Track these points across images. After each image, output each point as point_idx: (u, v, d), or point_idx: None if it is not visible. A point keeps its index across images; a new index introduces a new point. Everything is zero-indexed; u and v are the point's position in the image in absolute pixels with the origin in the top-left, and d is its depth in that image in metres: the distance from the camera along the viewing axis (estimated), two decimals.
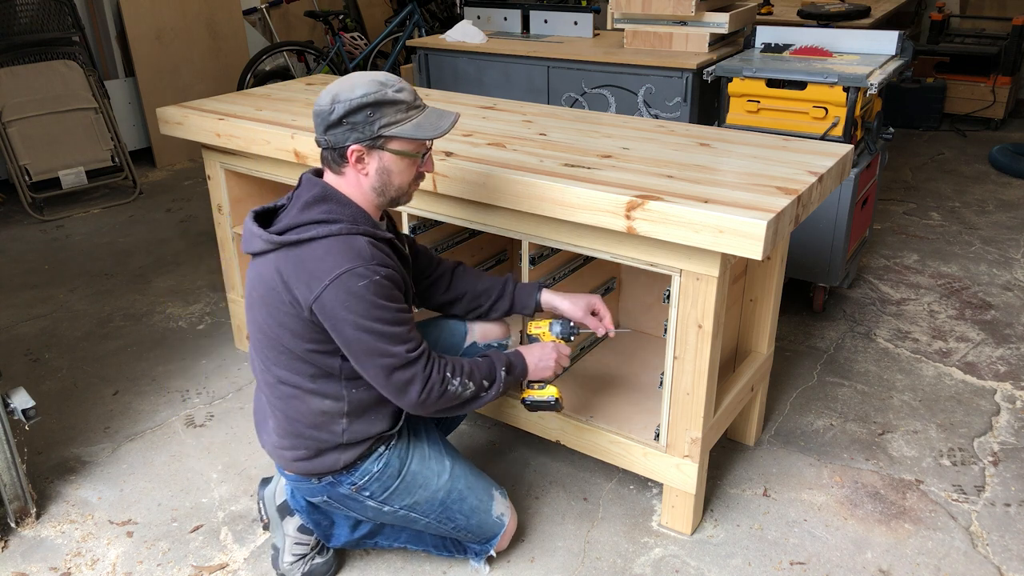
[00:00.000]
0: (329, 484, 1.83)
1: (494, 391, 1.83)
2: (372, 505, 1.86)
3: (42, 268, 3.83)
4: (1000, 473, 2.37)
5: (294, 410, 1.77)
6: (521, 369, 1.90)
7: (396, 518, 1.90)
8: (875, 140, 3.09)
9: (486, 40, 4.00)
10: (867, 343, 3.06)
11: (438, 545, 2.03)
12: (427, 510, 1.89)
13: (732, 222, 1.67)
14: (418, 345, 1.71)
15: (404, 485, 1.85)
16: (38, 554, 2.12)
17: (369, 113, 1.64)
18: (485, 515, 1.95)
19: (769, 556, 2.07)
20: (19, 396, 2.13)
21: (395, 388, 1.70)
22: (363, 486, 1.82)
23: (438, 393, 1.72)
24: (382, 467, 1.83)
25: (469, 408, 1.83)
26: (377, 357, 1.66)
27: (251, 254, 1.75)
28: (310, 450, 1.79)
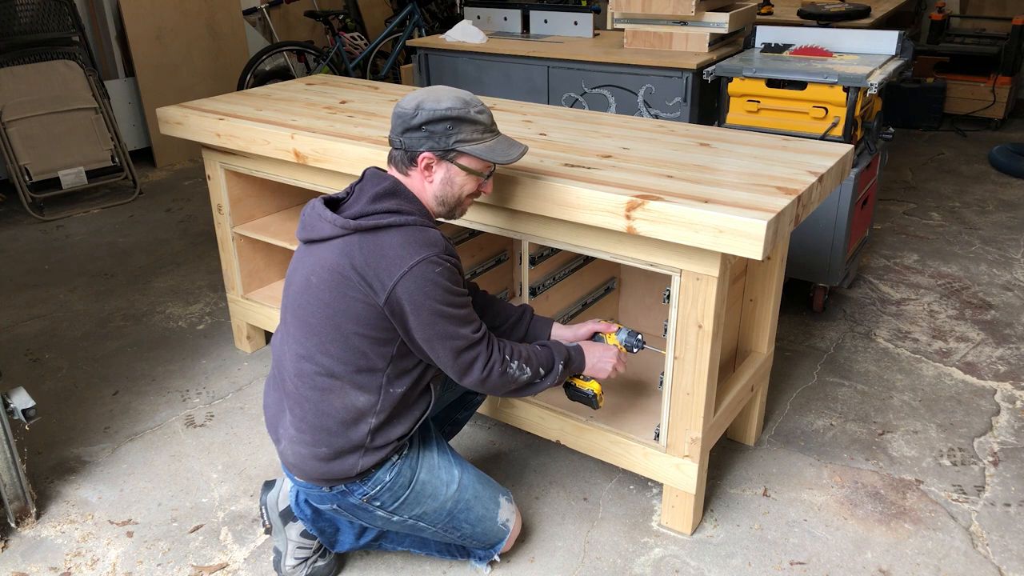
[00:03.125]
0: (341, 493, 1.82)
1: (550, 380, 1.89)
2: (381, 515, 1.86)
3: (42, 268, 3.83)
4: (1000, 473, 2.37)
5: (328, 404, 1.76)
6: (579, 364, 1.97)
7: (403, 527, 1.91)
8: (875, 140, 3.09)
9: (486, 40, 4.00)
10: (867, 343, 3.06)
11: (442, 550, 2.04)
12: (434, 520, 1.89)
13: (732, 222, 1.67)
14: (480, 326, 1.78)
15: (414, 496, 1.86)
16: (38, 554, 2.12)
17: (449, 126, 1.72)
18: (491, 523, 1.96)
19: (769, 556, 2.07)
20: (19, 396, 2.13)
21: (461, 367, 1.76)
22: (374, 496, 1.83)
23: (499, 372, 1.79)
24: (394, 477, 1.83)
25: (526, 393, 1.89)
26: (448, 340, 1.72)
27: (311, 240, 1.76)
28: (331, 448, 1.77)
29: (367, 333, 1.71)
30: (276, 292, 2.95)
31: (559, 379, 1.92)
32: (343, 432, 1.77)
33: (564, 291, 2.33)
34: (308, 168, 2.47)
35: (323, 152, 2.30)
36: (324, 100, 2.75)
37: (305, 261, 1.76)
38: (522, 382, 1.84)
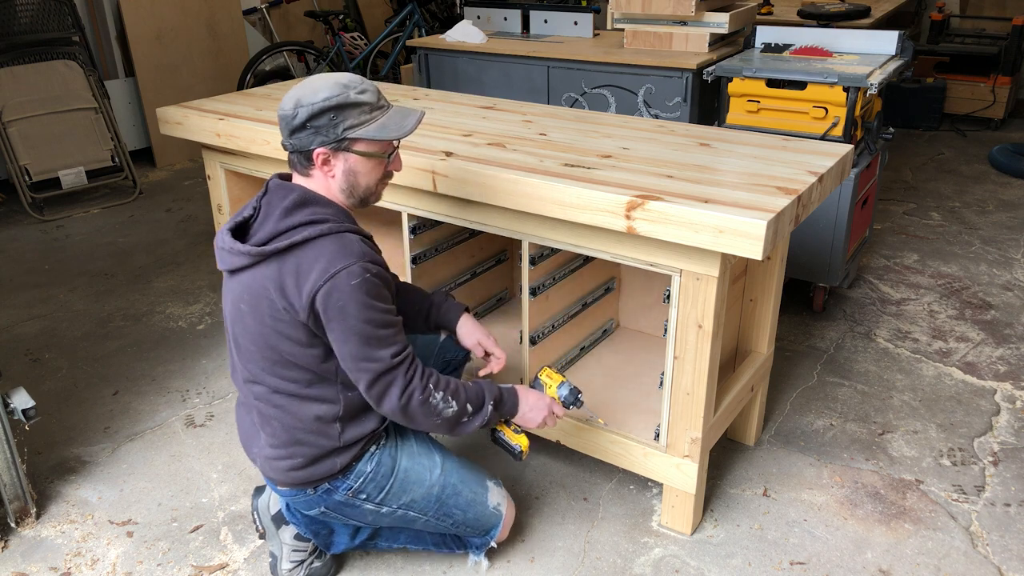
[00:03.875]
0: (325, 492, 1.82)
1: (479, 420, 1.79)
2: (370, 508, 1.85)
3: (42, 268, 3.83)
4: (1000, 473, 2.37)
5: (290, 417, 1.75)
6: (511, 408, 1.88)
7: (394, 519, 1.89)
8: (875, 140, 3.09)
9: (486, 40, 4.00)
10: (867, 343, 3.06)
11: (438, 543, 2.03)
12: (424, 507, 1.88)
13: (732, 222, 1.67)
14: (403, 349, 1.70)
15: (398, 483, 1.84)
16: (38, 554, 2.12)
17: (332, 116, 1.64)
18: (482, 507, 1.94)
19: (769, 556, 2.07)
20: (19, 396, 2.13)
21: (376, 394, 1.69)
22: (359, 489, 1.82)
23: (419, 401, 1.70)
24: (375, 467, 1.82)
25: (454, 431, 1.78)
26: (362, 361, 1.66)
27: (231, 271, 1.71)
28: (306, 458, 1.77)
29: (306, 350, 1.69)
30: None
31: (488, 420, 1.81)
32: (314, 440, 1.76)
33: (564, 291, 2.33)
34: None
35: None
36: None
37: (232, 288, 1.73)
38: (447, 416, 1.74)
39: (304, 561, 1.99)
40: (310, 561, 2.00)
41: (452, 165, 2.04)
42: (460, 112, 2.56)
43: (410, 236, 2.34)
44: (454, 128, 2.37)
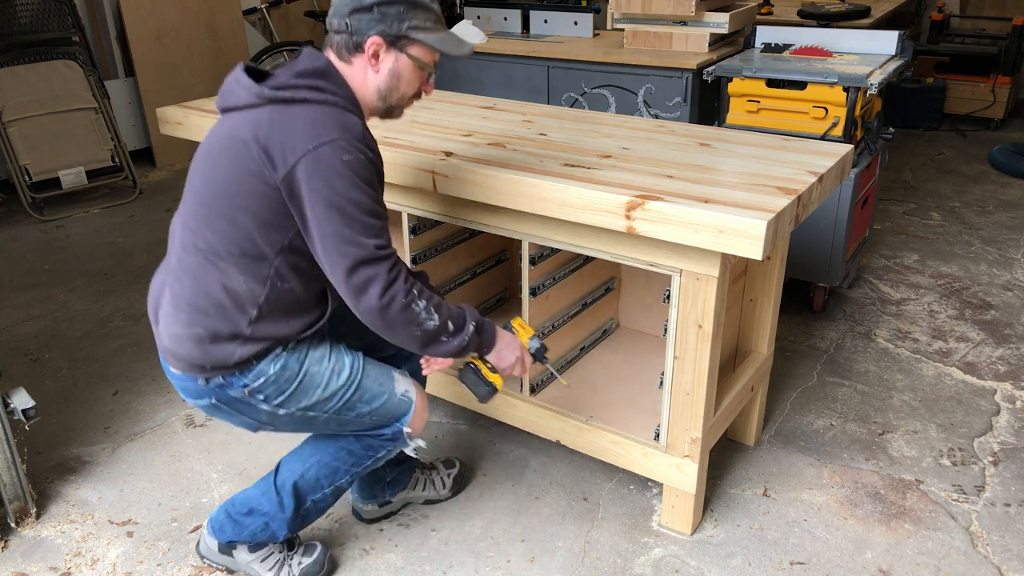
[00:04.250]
0: (219, 387, 1.66)
1: (458, 341, 1.68)
2: (265, 408, 1.70)
3: (42, 268, 3.83)
4: (1000, 473, 2.37)
5: (207, 282, 1.60)
6: (489, 339, 1.77)
7: (291, 420, 1.74)
8: (875, 140, 3.09)
9: (486, 40, 4.00)
10: (867, 343, 3.06)
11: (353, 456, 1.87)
12: (325, 407, 1.74)
13: (732, 222, 1.67)
14: (389, 246, 1.57)
15: (301, 388, 1.70)
16: (38, 554, 2.12)
17: (403, 10, 1.58)
18: (389, 397, 1.80)
19: (769, 556, 2.07)
20: (19, 396, 2.13)
21: (356, 284, 1.55)
22: (257, 389, 1.66)
23: (400, 306, 1.57)
24: (279, 370, 1.67)
25: (431, 348, 1.66)
26: (343, 243, 1.52)
27: (226, 109, 1.61)
28: (207, 330, 1.61)
29: (258, 214, 1.56)
30: None
31: (468, 345, 1.70)
32: (220, 315, 1.61)
33: (564, 291, 2.33)
34: None
35: None
36: None
37: (215, 131, 1.62)
38: (427, 329, 1.61)
39: (280, 561, 1.95)
40: (288, 558, 1.95)
41: (452, 165, 2.04)
42: (460, 112, 2.56)
43: (410, 236, 2.34)
44: (454, 128, 2.37)
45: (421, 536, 2.15)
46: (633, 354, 2.52)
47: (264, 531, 1.91)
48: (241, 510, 1.92)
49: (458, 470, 2.30)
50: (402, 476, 2.18)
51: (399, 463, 2.14)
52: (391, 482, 2.16)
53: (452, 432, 2.56)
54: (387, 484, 2.16)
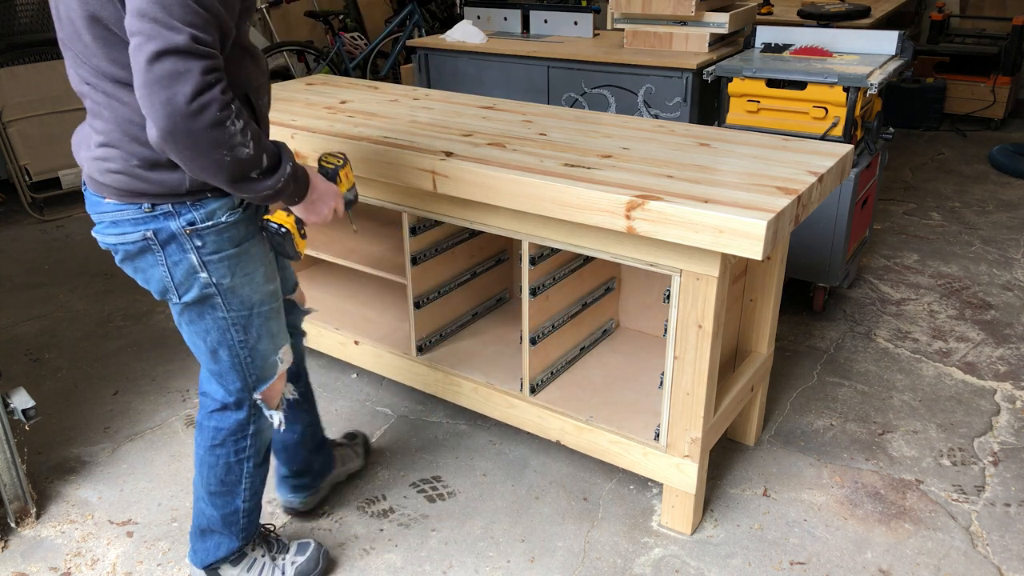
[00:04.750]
0: (165, 215, 1.54)
1: (272, 181, 1.49)
2: (192, 260, 1.59)
3: (42, 268, 3.83)
4: (1000, 473, 2.37)
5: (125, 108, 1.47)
6: (303, 185, 1.60)
7: (198, 299, 1.64)
8: (875, 140, 3.09)
9: (486, 40, 4.00)
10: (867, 343, 3.06)
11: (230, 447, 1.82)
12: (234, 305, 1.67)
13: (732, 222, 1.67)
14: (215, 48, 1.35)
15: (236, 258, 1.63)
16: (38, 554, 2.12)
17: None
18: (273, 351, 1.77)
19: (769, 556, 2.07)
20: (19, 396, 2.13)
21: (157, 77, 1.29)
22: (200, 231, 1.56)
23: (212, 119, 1.34)
24: (228, 223, 1.59)
25: (233, 179, 1.44)
26: (149, 22, 1.28)
27: None
28: (146, 160, 1.50)
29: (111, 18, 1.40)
30: None
31: (282, 190, 1.52)
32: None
33: (564, 291, 2.33)
34: None
35: (323, 152, 2.29)
36: (324, 100, 2.75)
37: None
38: (239, 157, 1.40)
39: (270, 564, 1.95)
40: (276, 560, 1.96)
41: (452, 165, 2.04)
42: (460, 112, 2.56)
43: (410, 236, 2.34)
44: (454, 128, 2.37)
45: (421, 536, 2.15)
46: (633, 354, 2.52)
47: (223, 546, 1.91)
48: (197, 535, 1.93)
49: (362, 438, 2.45)
50: (328, 459, 2.25)
51: (320, 448, 2.20)
52: (320, 470, 2.22)
53: (452, 432, 2.57)
54: (317, 473, 2.21)
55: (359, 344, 2.63)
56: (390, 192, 2.31)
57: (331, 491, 2.30)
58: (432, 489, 2.33)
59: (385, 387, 2.82)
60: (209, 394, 1.81)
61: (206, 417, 1.82)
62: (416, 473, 2.39)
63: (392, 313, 2.77)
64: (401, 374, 2.56)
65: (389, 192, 2.31)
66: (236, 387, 1.77)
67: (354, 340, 2.64)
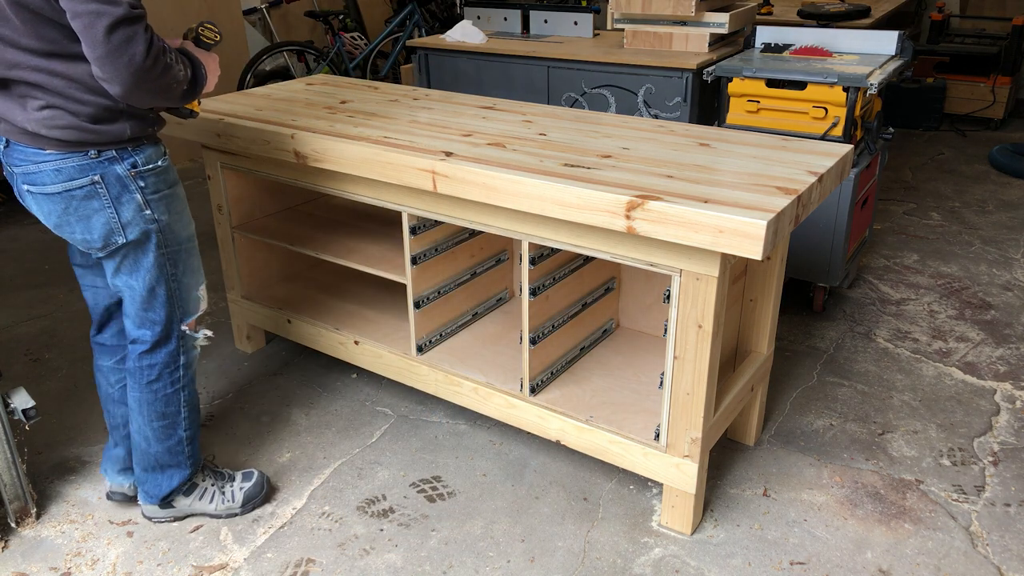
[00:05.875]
0: (109, 160, 1.77)
1: (196, 92, 1.80)
2: (137, 200, 1.83)
3: (42, 268, 3.83)
4: (1000, 473, 2.37)
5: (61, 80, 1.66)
6: (204, 73, 1.85)
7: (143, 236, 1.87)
8: (875, 140, 3.09)
9: (486, 40, 4.00)
10: (867, 343, 3.06)
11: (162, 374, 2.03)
12: (170, 240, 1.92)
13: (732, 222, 1.67)
14: (141, 8, 1.59)
15: (171, 197, 1.90)
16: (38, 554, 2.12)
17: None
18: (195, 286, 2.02)
19: (769, 556, 2.07)
20: (19, 396, 2.13)
21: (116, 45, 1.55)
22: (142, 173, 1.82)
23: (163, 64, 1.63)
24: (164, 166, 1.87)
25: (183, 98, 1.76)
26: (92, 2, 1.52)
27: None
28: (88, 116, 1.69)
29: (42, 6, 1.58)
30: (276, 292, 2.95)
31: (202, 83, 1.81)
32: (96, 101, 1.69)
33: (564, 291, 2.33)
34: (308, 168, 2.47)
35: (323, 152, 2.30)
36: (324, 100, 2.75)
37: None
38: (180, 79, 1.70)
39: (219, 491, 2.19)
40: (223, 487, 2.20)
41: (452, 165, 2.04)
42: (460, 112, 2.56)
43: (410, 236, 2.34)
44: (454, 128, 2.37)
45: (421, 536, 2.15)
46: (633, 354, 2.52)
47: (175, 477, 2.13)
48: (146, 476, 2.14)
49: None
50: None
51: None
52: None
53: (452, 432, 2.57)
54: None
55: (359, 344, 2.63)
56: (390, 192, 2.31)
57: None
58: (432, 489, 2.33)
59: (385, 387, 2.82)
60: (139, 339, 2.01)
61: (137, 359, 2.02)
62: (416, 473, 2.39)
63: (392, 313, 2.78)
64: (401, 374, 2.56)
65: (389, 192, 2.32)
66: (165, 321, 2.00)
67: (354, 340, 2.64)
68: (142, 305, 1.96)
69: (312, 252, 2.68)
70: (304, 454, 2.48)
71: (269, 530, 2.18)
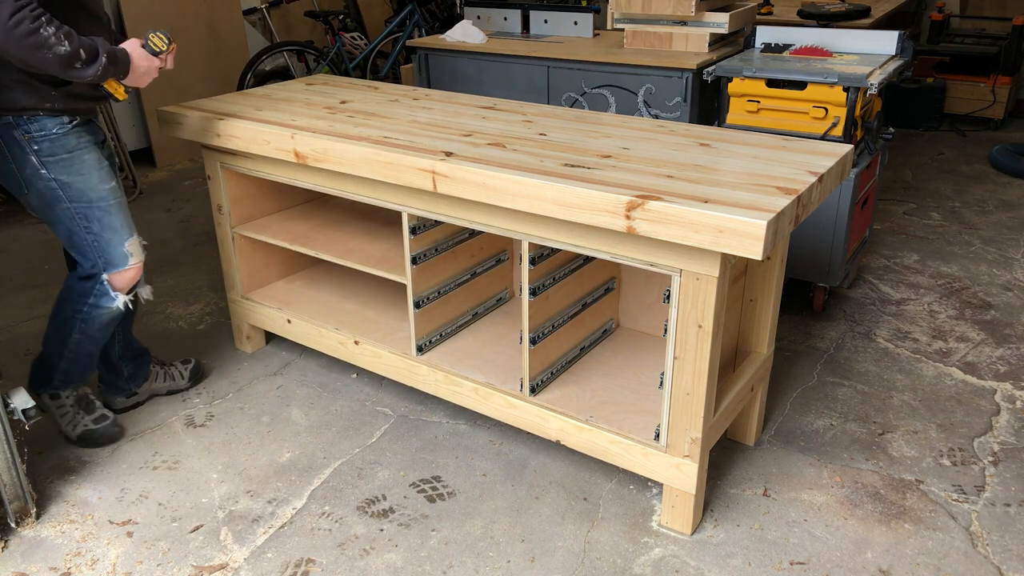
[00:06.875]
0: (5, 125, 2.04)
1: (92, 70, 1.96)
2: (33, 162, 2.09)
3: (42, 268, 3.83)
4: (1000, 473, 2.37)
5: None
6: (123, 68, 2.07)
7: (47, 192, 2.13)
8: (875, 140, 3.09)
9: (486, 40, 4.00)
10: (867, 343, 3.06)
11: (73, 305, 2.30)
12: (75, 196, 2.15)
13: (732, 222, 1.67)
14: None
15: (69, 161, 2.11)
16: (38, 554, 2.12)
17: None
18: (118, 242, 2.24)
19: (769, 556, 2.07)
20: (19, 396, 2.13)
21: None
22: (35, 139, 2.06)
23: (28, 29, 1.80)
24: (60, 134, 2.08)
25: (63, 70, 1.92)
26: None
27: None
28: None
29: None
30: (276, 292, 2.95)
31: (103, 72, 1.99)
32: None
33: (564, 291, 2.33)
34: (308, 168, 2.47)
35: (323, 152, 2.30)
36: (324, 100, 2.75)
37: None
38: (59, 53, 1.87)
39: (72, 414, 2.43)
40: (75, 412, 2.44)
41: (452, 165, 2.04)
42: (460, 112, 2.56)
43: (410, 236, 2.34)
44: (454, 128, 2.37)
45: (421, 536, 2.15)
46: (633, 354, 2.52)
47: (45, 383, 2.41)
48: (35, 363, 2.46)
49: (194, 364, 2.81)
50: (140, 369, 2.64)
51: (134, 357, 2.60)
52: (130, 376, 2.62)
53: (452, 432, 2.57)
54: (128, 378, 2.61)
55: (359, 344, 2.63)
56: (390, 192, 2.31)
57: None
58: (432, 489, 2.33)
59: (385, 387, 2.82)
60: (78, 263, 2.30)
61: (69, 277, 2.34)
62: (416, 473, 2.39)
63: (392, 313, 2.78)
64: (401, 374, 2.56)
65: (389, 192, 2.32)
66: (89, 264, 2.27)
67: (354, 340, 2.64)
68: (67, 245, 2.27)
69: (312, 252, 2.68)
70: (304, 454, 2.48)
71: (269, 530, 2.18)
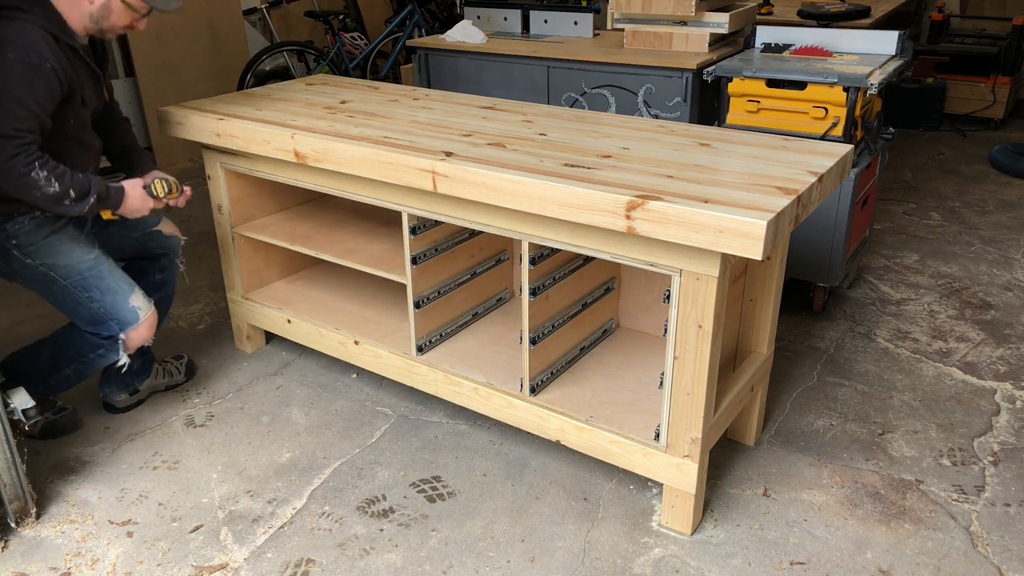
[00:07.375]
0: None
1: (80, 207, 2.12)
2: (16, 255, 2.21)
3: None
4: (1000, 473, 2.37)
5: None
6: (115, 204, 2.23)
7: (36, 274, 2.23)
8: (875, 140, 3.09)
9: (486, 40, 4.00)
10: (867, 343, 3.06)
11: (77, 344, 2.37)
12: (66, 274, 2.24)
13: (732, 222, 1.67)
14: (26, 132, 1.98)
15: (47, 245, 2.21)
16: (38, 554, 2.12)
17: None
18: (122, 300, 2.30)
19: (769, 556, 2.07)
20: (19, 396, 2.13)
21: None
22: (12, 234, 2.17)
23: (20, 172, 1.99)
24: (35, 227, 2.19)
25: (52, 206, 2.08)
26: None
27: None
28: None
29: None
30: (276, 292, 2.95)
31: (91, 208, 2.14)
32: None
33: (564, 291, 2.33)
34: (308, 168, 2.47)
35: (323, 152, 2.30)
36: (324, 100, 2.75)
37: None
38: (48, 193, 2.04)
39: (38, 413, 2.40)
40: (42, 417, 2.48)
41: (452, 165, 2.04)
42: (460, 112, 2.56)
43: (410, 236, 2.34)
44: (454, 128, 2.37)
45: (421, 536, 2.15)
46: (633, 354, 2.52)
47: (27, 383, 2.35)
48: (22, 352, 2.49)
49: (186, 360, 2.85)
50: (146, 364, 2.67)
51: (142, 354, 2.59)
52: (137, 371, 2.62)
53: (452, 432, 2.57)
54: (135, 373, 2.62)
55: (359, 344, 2.63)
56: (390, 192, 2.31)
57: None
58: (432, 489, 2.33)
59: (385, 387, 2.82)
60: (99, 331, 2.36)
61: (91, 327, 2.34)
62: (416, 473, 2.39)
63: (392, 313, 2.78)
64: (401, 374, 2.56)
65: (389, 192, 2.32)
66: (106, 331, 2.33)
67: (354, 340, 2.64)
68: (79, 321, 2.34)
69: (312, 252, 2.68)
70: (304, 454, 2.48)
71: (269, 530, 2.18)
